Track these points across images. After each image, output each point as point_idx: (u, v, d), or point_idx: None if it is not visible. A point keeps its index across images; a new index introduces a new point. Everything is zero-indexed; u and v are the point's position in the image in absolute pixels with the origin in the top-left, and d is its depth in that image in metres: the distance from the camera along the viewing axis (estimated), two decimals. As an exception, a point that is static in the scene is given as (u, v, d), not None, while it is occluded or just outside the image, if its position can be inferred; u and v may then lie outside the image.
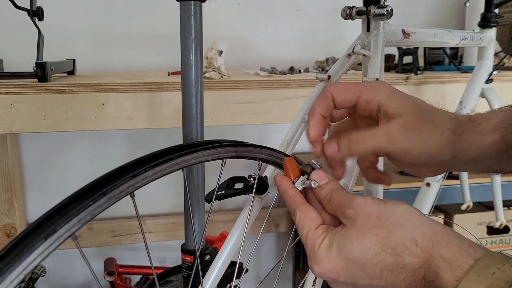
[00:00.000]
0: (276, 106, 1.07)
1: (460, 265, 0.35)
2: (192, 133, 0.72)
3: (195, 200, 0.73)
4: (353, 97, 0.47)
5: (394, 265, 0.37)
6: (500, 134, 0.45)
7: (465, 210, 1.29)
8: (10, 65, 1.25)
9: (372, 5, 0.65)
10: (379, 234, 0.39)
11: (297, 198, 0.45)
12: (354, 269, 0.39)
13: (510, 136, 0.45)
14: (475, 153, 0.45)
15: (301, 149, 0.53)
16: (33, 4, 0.98)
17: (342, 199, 0.42)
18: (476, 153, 0.45)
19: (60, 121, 0.94)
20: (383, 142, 0.44)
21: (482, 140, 0.45)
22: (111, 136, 1.54)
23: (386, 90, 0.47)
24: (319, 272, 0.41)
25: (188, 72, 0.70)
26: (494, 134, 0.45)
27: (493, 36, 1.12)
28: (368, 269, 0.38)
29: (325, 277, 0.41)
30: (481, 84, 1.12)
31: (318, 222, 0.43)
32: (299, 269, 1.70)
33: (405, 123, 0.44)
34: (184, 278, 0.77)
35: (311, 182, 0.45)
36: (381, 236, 0.38)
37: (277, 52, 1.61)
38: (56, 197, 0.38)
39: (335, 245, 0.40)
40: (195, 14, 0.68)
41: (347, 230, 0.40)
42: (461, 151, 0.45)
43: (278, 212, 1.65)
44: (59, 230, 0.34)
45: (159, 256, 1.61)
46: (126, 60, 1.50)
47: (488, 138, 0.45)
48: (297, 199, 0.45)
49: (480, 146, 0.45)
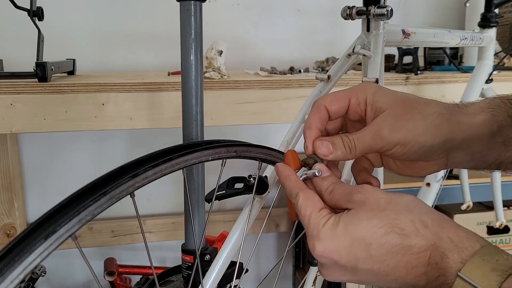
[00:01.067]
0: (276, 106, 1.07)
1: (466, 248, 0.36)
2: (192, 133, 0.72)
3: (195, 200, 0.73)
4: (345, 103, 0.47)
5: (401, 247, 0.37)
6: (489, 114, 0.45)
7: (465, 210, 1.28)
8: (10, 65, 1.25)
9: (372, 5, 0.65)
10: (389, 215, 0.38)
11: (300, 183, 0.45)
12: (358, 249, 0.38)
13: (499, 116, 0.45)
14: (467, 133, 0.45)
15: (301, 149, 0.53)
16: (33, 4, 0.98)
17: (346, 188, 0.42)
18: (467, 134, 0.45)
19: (60, 121, 0.94)
20: (370, 139, 0.45)
21: (471, 120, 0.45)
22: (111, 136, 1.54)
23: (372, 88, 0.47)
24: (321, 251, 0.39)
25: (188, 72, 0.70)
26: (482, 114, 0.45)
27: (493, 36, 1.12)
28: (374, 250, 0.38)
29: (325, 257, 0.40)
30: (481, 84, 1.12)
31: (322, 205, 0.42)
32: (299, 269, 1.70)
33: (389, 117, 0.44)
34: (184, 278, 0.77)
35: (314, 170, 0.45)
36: (391, 217, 0.38)
37: (277, 52, 1.61)
38: (56, 197, 0.38)
39: (341, 224, 0.39)
40: (195, 14, 0.68)
41: (356, 211, 0.40)
42: (450, 133, 0.45)
43: (278, 212, 1.65)
44: (59, 230, 0.34)
45: (159, 256, 1.61)
46: (126, 60, 1.50)
47: (476, 117, 0.45)
48: (300, 183, 0.45)
49: (470, 126, 0.45)
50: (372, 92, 0.47)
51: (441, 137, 0.44)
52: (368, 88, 0.47)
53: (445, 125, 0.45)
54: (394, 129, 0.44)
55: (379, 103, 0.46)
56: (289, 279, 1.74)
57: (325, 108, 0.47)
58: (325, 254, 0.39)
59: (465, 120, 0.45)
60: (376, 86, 0.48)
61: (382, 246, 0.38)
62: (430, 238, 0.37)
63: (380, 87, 0.48)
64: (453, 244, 0.36)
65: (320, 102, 0.47)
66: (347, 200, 0.41)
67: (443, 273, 0.36)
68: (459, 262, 0.36)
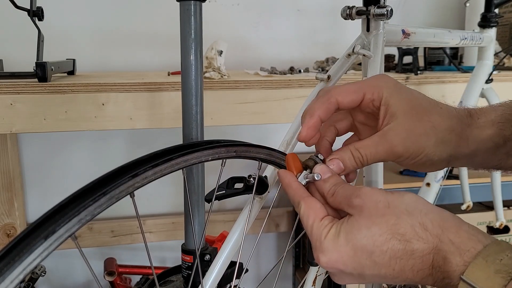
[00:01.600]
0: (276, 106, 1.07)
1: (468, 250, 0.35)
2: (192, 133, 0.72)
3: (195, 200, 0.73)
4: (358, 98, 0.46)
5: (404, 252, 0.37)
6: (497, 128, 0.45)
7: (465, 210, 1.28)
8: (10, 65, 1.25)
9: (372, 5, 0.65)
10: (388, 221, 0.38)
11: (301, 191, 0.45)
12: (362, 258, 0.38)
13: (507, 130, 0.45)
14: (472, 148, 0.46)
15: (301, 149, 0.53)
16: (33, 4, 0.98)
17: (347, 191, 0.42)
18: (472, 148, 0.46)
19: (60, 121, 0.94)
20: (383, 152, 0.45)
21: (479, 134, 0.46)
22: (111, 136, 1.54)
23: (389, 88, 0.46)
24: (326, 263, 0.40)
25: (188, 72, 0.70)
26: (492, 129, 0.46)
27: (493, 36, 1.12)
28: (377, 257, 0.38)
29: (331, 268, 0.40)
30: (481, 84, 1.12)
31: (324, 214, 0.42)
32: (299, 269, 1.70)
33: (403, 130, 0.44)
34: (184, 278, 0.77)
35: (314, 175, 0.45)
36: (390, 223, 0.38)
37: (277, 52, 1.61)
38: (56, 197, 0.38)
39: (342, 234, 0.39)
40: (195, 14, 0.68)
41: (355, 219, 0.40)
42: (457, 147, 0.45)
43: (278, 212, 1.65)
44: (59, 230, 0.34)
45: (159, 256, 1.61)
46: (126, 60, 1.50)
47: (485, 132, 0.46)
48: (302, 191, 0.44)
49: (477, 141, 0.45)
50: (389, 92, 0.45)
51: (449, 152, 0.45)
52: (385, 86, 0.46)
53: (454, 141, 0.45)
54: (406, 144, 0.44)
55: (394, 107, 0.45)
56: (289, 279, 1.74)
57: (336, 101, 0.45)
58: (330, 264, 0.40)
59: (473, 134, 0.46)
60: (394, 85, 0.46)
61: (385, 253, 0.38)
62: (431, 241, 0.37)
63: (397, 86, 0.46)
64: (454, 246, 0.36)
65: (332, 94, 0.46)
66: (347, 204, 0.41)
67: (447, 276, 0.36)
68: (461, 265, 0.35)
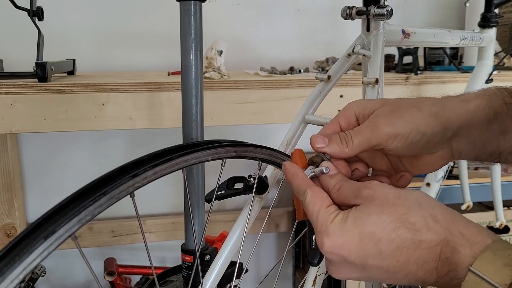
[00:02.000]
0: (276, 106, 1.07)
1: (478, 243, 0.36)
2: (192, 133, 0.72)
3: (195, 200, 0.73)
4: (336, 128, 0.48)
5: (411, 242, 0.37)
6: (484, 100, 0.46)
7: (465, 210, 1.28)
8: (10, 65, 1.25)
9: (372, 5, 0.65)
10: (398, 210, 0.38)
11: (307, 180, 0.45)
12: (368, 245, 0.38)
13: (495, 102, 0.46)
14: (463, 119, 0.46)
15: (306, 148, 0.53)
16: (33, 4, 0.99)
17: (354, 185, 0.42)
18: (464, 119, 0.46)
19: (60, 121, 0.94)
20: (368, 132, 0.45)
21: (466, 106, 0.46)
22: (111, 136, 1.54)
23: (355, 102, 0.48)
24: (330, 247, 0.39)
25: (188, 72, 0.70)
26: (477, 100, 0.46)
27: (493, 36, 1.12)
28: (383, 246, 0.38)
29: (335, 254, 0.39)
30: (481, 84, 1.12)
31: (330, 202, 0.42)
32: (299, 269, 1.70)
33: (385, 111, 0.45)
34: (184, 278, 0.77)
35: (322, 168, 0.44)
36: (400, 212, 0.38)
37: (277, 52, 1.61)
38: (56, 197, 0.38)
39: (350, 219, 0.39)
40: (195, 14, 0.69)
41: (365, 206, 0.39)
42: (448, 120, 0.45)
43: (278, 212, 1.65)
44: (59, 230, 0.34)
45: (159, 256, 1.61)
46: (126, 60, 1.50)
47: (471, 103, 0.46)
48: (308, 180, 0.44)
49: (466, 111, 0.46)
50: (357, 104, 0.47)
51: (440, 125, 0.45)
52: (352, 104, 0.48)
53: (441, 114, 0.45)
54: (391, 120, 0.44)
55: (369, 108, 0.46)
56: (289, 279, 1.74)
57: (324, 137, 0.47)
58: (334, 250, 0.39)
59: (460, 107, 0.46)
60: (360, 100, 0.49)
61: (392, 241, 0.37)
62: (441, 232, 0.37)
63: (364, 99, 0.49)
64: (464, 238, 0.36)
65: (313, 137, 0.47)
66: (356, 196, 0.41)
67: (454, 268, 0.36)
68: (470, 256, 0.35)
